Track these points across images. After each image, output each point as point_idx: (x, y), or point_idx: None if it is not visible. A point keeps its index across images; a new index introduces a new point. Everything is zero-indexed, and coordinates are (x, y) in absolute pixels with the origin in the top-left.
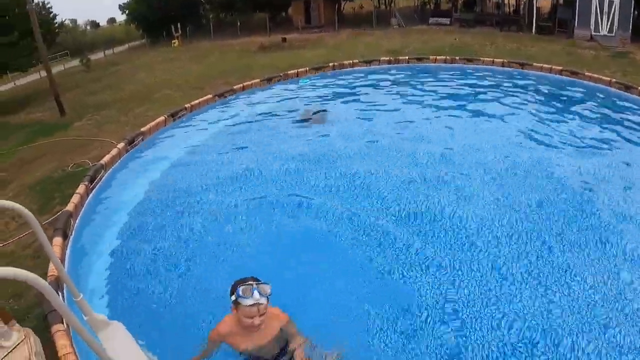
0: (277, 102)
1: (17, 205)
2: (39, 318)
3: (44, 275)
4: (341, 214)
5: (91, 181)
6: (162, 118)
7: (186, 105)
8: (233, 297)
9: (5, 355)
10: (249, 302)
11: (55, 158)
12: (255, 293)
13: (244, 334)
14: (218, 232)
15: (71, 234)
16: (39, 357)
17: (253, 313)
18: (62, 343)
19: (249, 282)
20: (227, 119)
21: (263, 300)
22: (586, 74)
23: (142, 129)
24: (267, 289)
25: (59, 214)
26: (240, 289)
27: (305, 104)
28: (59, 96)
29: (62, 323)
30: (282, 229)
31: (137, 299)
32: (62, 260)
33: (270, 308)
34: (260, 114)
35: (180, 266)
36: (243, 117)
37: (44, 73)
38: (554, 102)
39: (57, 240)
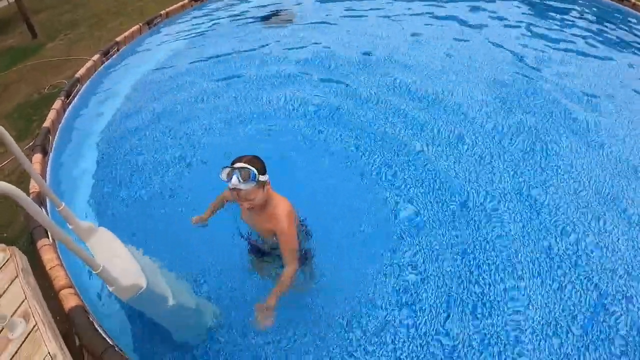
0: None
1: None
2: (29, 243)
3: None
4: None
5: (67, 96)
6: (136, 27)
7: (162, 12)
8: None
9: None
10: (230, 185)
11: (30, 82)
12: (234, 178)
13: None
14: (200, 137)
15: (51, 150)
16: (25, 273)
17: (234, 197)
18: (48, 257)
19: (233, 166)
20: (204, 23)
21: (242, 187)
22: None
23: (117, 39)
24: (248, 174)
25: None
26: (221, 172)
27: (274, 5)
28: (30, 19)
29: (48, 237)
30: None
31: (121, 206)
32: (44, 177)
33: (280, 202)
34: (238, 16)
35: (162, 170)
36: (221, 19)
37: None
38: (539, 7)
39: (37, 157)
